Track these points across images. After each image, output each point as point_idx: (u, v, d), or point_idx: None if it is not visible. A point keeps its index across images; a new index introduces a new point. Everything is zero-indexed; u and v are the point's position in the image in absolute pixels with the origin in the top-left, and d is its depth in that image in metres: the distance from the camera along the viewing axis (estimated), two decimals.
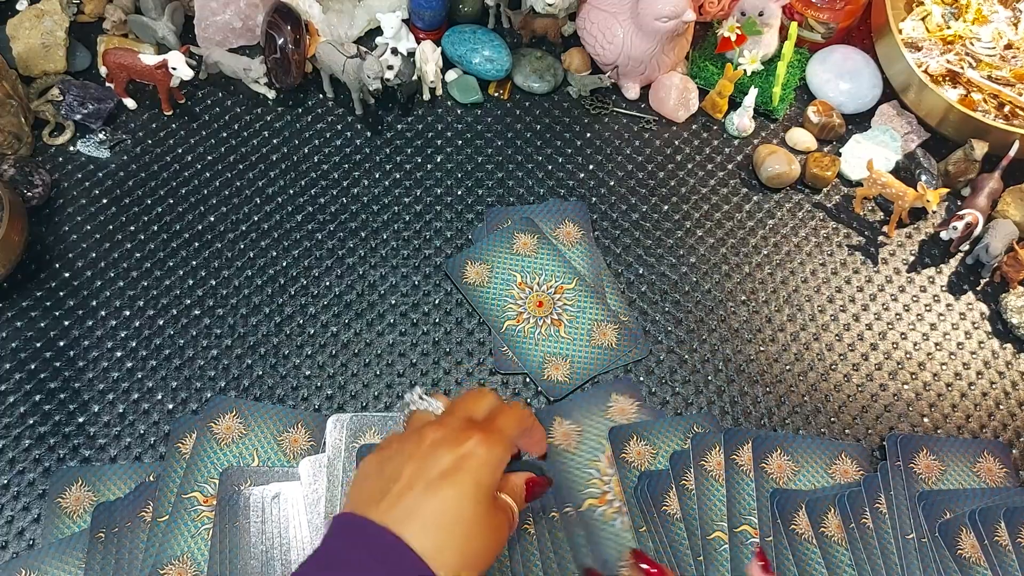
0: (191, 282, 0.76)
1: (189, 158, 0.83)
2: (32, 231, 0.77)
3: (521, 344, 0.74)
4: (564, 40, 0.93)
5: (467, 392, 0.55)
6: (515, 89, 0.90)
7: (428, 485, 0.48)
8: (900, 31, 0.89)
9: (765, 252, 0.81)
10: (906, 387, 0.75)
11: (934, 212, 0.85)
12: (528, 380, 0.72)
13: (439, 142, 0.86)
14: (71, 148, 0.83)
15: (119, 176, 0.82)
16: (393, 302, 0.76)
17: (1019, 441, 0.73)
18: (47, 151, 0.83)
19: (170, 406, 0.70)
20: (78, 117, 0.83)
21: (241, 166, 0.83)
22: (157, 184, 0.82)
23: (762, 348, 0.76)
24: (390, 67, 0.82)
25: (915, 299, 0.80)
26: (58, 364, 0.71)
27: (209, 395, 0.70)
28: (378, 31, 0.91)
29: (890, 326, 0.78)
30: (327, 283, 0.77)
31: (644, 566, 0.62)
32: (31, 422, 0.68)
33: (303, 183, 0.83)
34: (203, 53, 0.85)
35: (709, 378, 0.74)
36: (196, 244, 0.78)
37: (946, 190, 0.82)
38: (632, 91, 0.89)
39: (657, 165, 0.86)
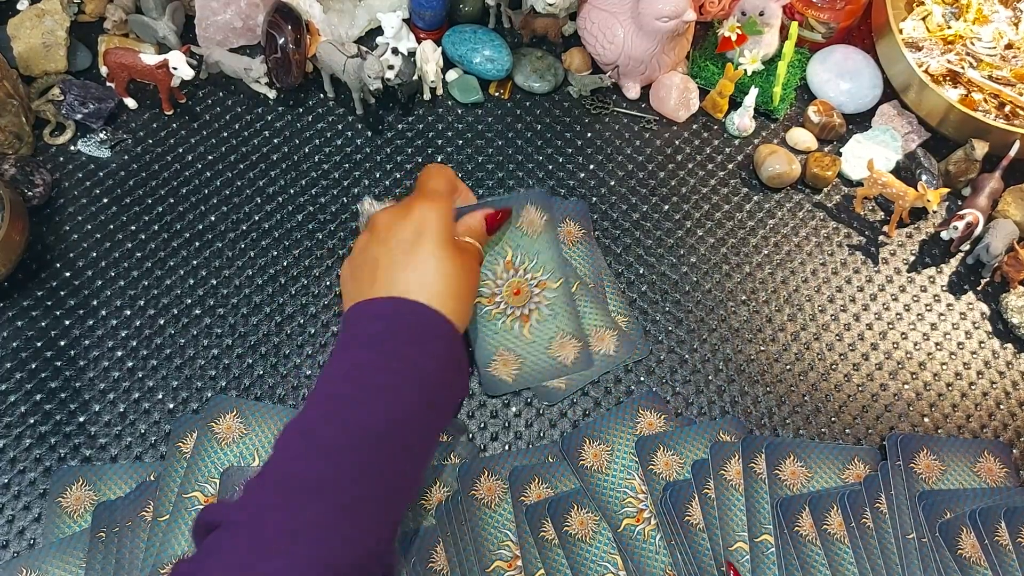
0: (192, 281, 0.76)
1: (190, 158, 0.83)
2: (33, 230, 0.77)
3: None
4: (565, 40, 0.93)
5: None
6: (515, 89, 0.90)
7: (403, 255, 0.56)
8: (900, 31, 0.89)
9: (765, 252, 0.81)
10: (906, 387, 0.75)
11: (935, 212, 0.85)
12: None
13: (439, 142, 0.86)
14: (72, 148, 0.83)
15: (120, 176, 0.82)
16: None
17: (1020, 441, 0.73)
18: (48, 151, 0.83)
19: (171, 405, 0.70)
20: (79, 117, 0.83)
21: (242, 166, 0.83)
22: (158, 183, 0.82)
23: (762, 348, 0.76)
24: (391, 67, 0.82)
25: (915, 299, 0.80)
26: (59, 363, 0.71)
27: (210, 394, 0.70)
28: (379, 31, 0.91)
29: (890, 326, 0.78)
30: (327, 283, 0.77)
31: None
32: (32, 421, 0.68)
33: (304, 183, 0.83)
34: (204, 53, 0.85)
35: (709, 378, 0.74)
36: (197, 243, 0.78)
37: (946, 190, 0.82)
38: (632, 91, 0.89)
39: (657, 165, 0.86)
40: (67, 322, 0.73)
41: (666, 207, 0.83)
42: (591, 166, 0.85)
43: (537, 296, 0.72)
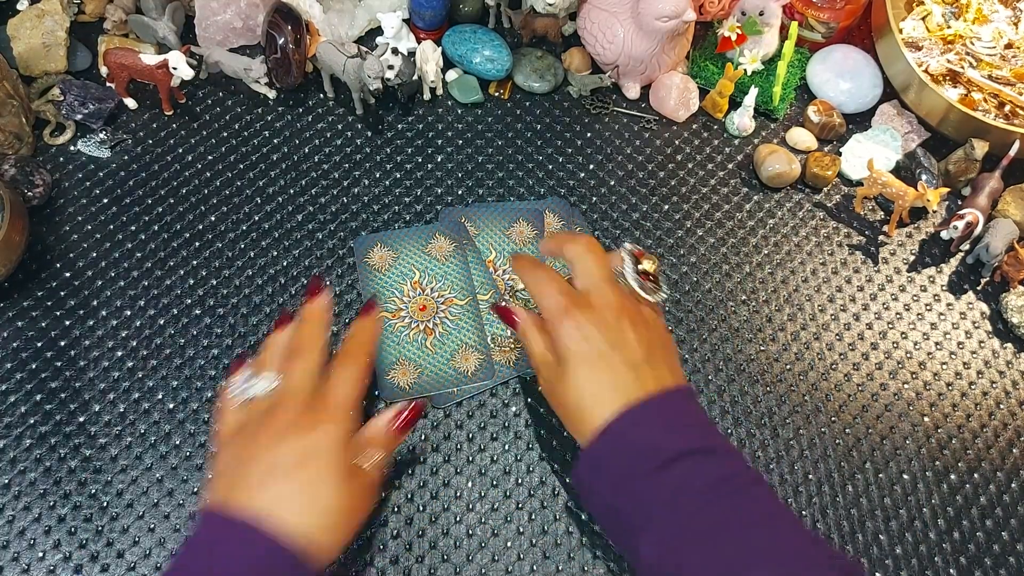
0: (192, 281, 0.76)
1: (190, 158, 0.83)
2: (33, 231, 0.77)
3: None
4: (564, 40, 0.93)
5: (283, 366, 0.58)
6: (515, 89, 0.90)
7: (285, 474, 0.52)
8: (900, 31, 0.89)
9: (765, 252, 0.81)
10: (906, 386, 0.75)
11: (934, 212, 0.85)
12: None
13: (439, 142, 0.86)
14: (72, 148, 0.83)
15: (120, 176, 0.82)
16: None
17: (1020, 441, 0.73)
18: (48, 151, 0.83)
19: (171, 405, 0.70)
20: (79, 117, 0.83)
21: (242, 166, 0.83)
22: (158, 184, 0.82)
23: (762, 348, 0.76)
24: (390, 67, 0.82)
25: (915, 299, 0.80)
26: (59, 363, 0.71)
27: (210, 394, 0.70)
28: (378, 31, 0.91)
29: (890, 325, 0.78)
30: (328, 283, 0.77)
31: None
32: (32, 421, 0.68)
33: (303, 183, 0.83)
34: (204, 53, 0.85)
35: (710, 377, 0.74)
36: (197, 244, 0.78)
37: (946, 189, 0.82)
38: (632, 91, 0.89)
39: (657, 165, 0.86)
40: (67, 322, 0.73)
41: (666, 207, 0.83)
42: (591, 166, 0.85)
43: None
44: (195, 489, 0.66)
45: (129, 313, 0.74)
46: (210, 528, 0.51)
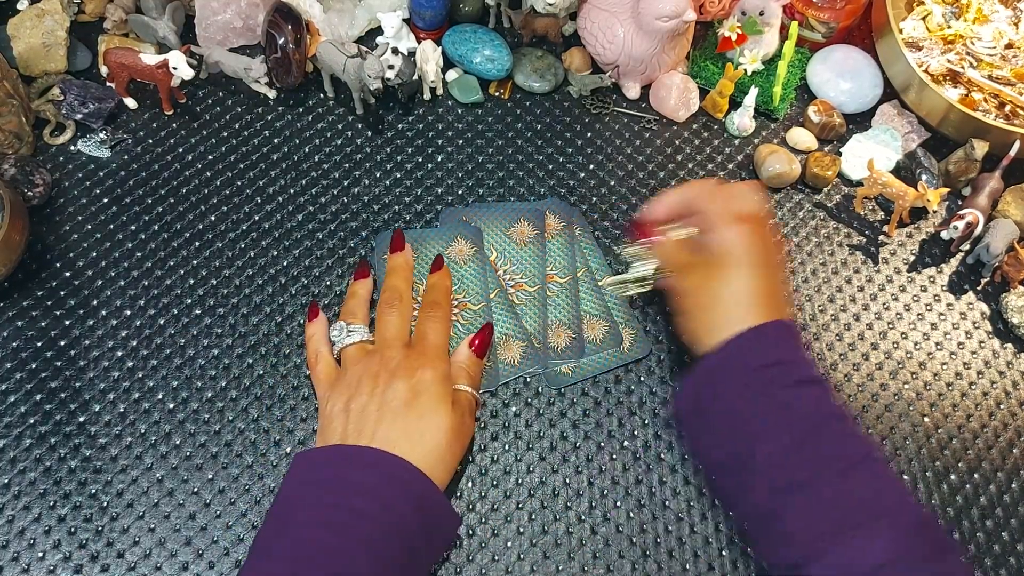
0: (192, 281, 0.76)
1: (190, 157, 0.83)
2: (33, 230, 0.77)
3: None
4: (565, 39, 0.93)
5: (380, 316, 0.67)
6: (516, 89, 0.90)
7: (396, 413, 0.58)
8: (901, 31, 0.89)
9: None
10: (907, 387, 0.75)
11: (935, 212, 0.85)
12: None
13: (439, 142, 0.86)
14: (72, 147, 0.83)
15: (120, 175, 0.82)
16: None
17: (1020, 441, 0.73)
18: (48, 150, 0.83)
19: (171, 405, 0.70)
20: (79, 116, 0.83)
21: (242, 165, 0.83)
22: (158, 183, 0.82)
23: None
24: (391, 67, 0.82)
25: (916, 299, 0.80)
26: (59, 363, 0.71)
27: (210, 394, 0.70)
28: (379, 31, 0.91)
29: (891, 326, 0.78)
30: (327, 282, 0.77)
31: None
32: (32, 421, 0.68)
33: (304, 183, 0.83)
34: (204, 53, 0.85)
35: None
36: (197, 243, 0.78)
37: (947, 190, 0.82)
38: (633, 91, 0.89)
39: (658, 165, 0.86)
40: (67, 322, 0.73)
41: None
42: (591, 166, 0.85)
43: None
44: (195, 489, 0.66)
45: (129, 313, 0.74)
46: (340, 457, 0.57)
